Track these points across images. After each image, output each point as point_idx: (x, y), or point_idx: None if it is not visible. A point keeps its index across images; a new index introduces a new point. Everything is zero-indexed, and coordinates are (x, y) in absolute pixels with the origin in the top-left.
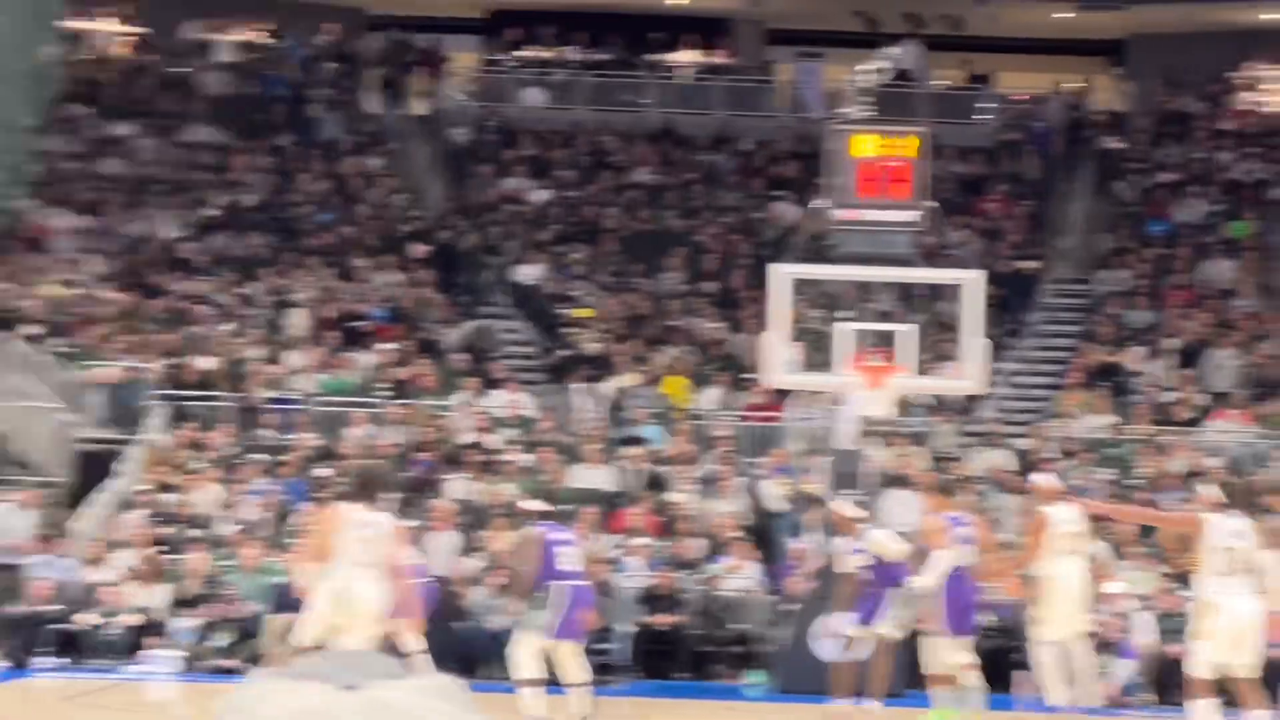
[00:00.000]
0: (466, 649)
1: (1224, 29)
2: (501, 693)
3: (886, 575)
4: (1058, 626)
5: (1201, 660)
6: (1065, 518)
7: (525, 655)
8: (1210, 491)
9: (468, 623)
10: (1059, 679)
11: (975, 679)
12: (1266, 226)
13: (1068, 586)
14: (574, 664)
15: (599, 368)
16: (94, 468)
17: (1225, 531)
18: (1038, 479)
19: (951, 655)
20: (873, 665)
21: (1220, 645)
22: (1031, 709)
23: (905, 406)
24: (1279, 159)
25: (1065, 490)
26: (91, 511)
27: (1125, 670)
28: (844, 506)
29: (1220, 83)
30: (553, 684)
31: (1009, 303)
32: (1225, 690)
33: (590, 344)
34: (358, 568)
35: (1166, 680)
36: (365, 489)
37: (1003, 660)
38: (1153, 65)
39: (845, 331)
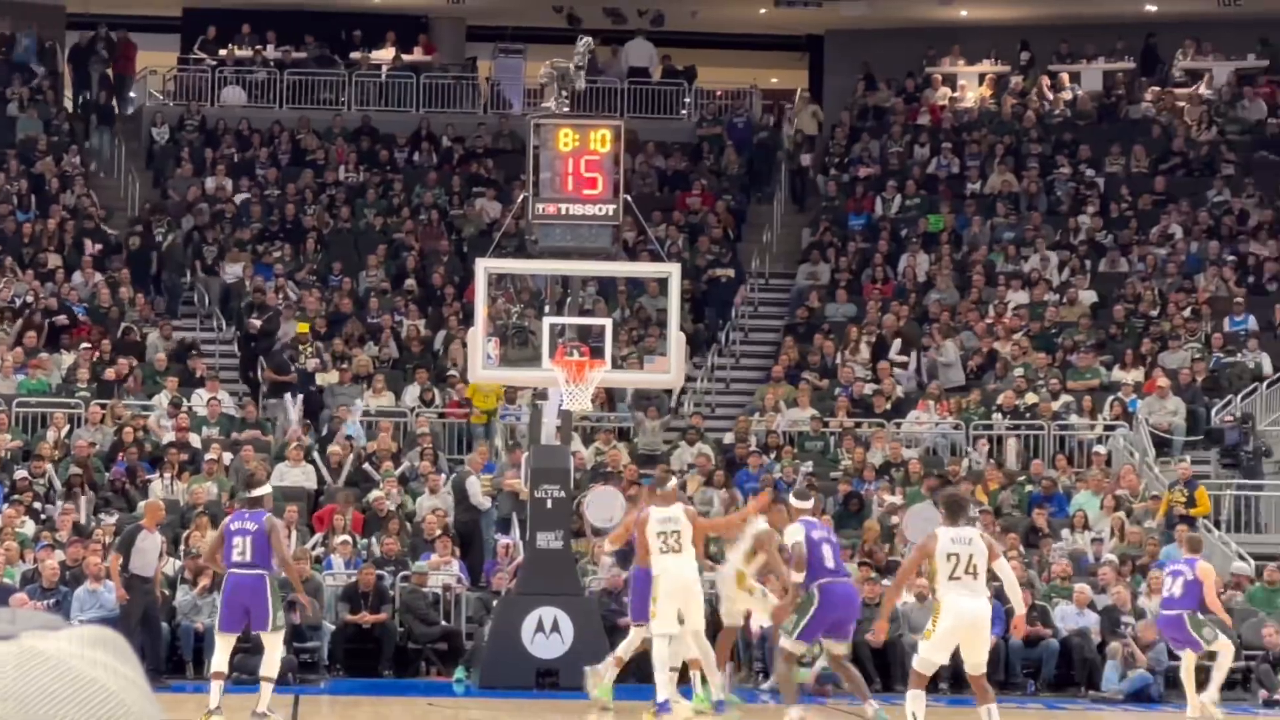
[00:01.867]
0: (172, 649)
1: (918, 25)
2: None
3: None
4: (667, 621)
5: (922, 655)
6: (666, 516)
7: (219, 648)
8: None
9: (174, 622)
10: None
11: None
12: (961, 220)
13: (671, 582)
14: (266, 656)
15: (306, 377)
16: None
17: (949, 539)
18: (658, 475)
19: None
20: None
21: (944, 643)
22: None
23: (609, 401)
24: (973, 153)
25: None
26: None
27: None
28: (795, 499)
29: (915, 78)
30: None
31: (710, 298)
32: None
33: (309, 359)
34: None
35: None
36: None
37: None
38: (849, 61)
39: (547, 326)
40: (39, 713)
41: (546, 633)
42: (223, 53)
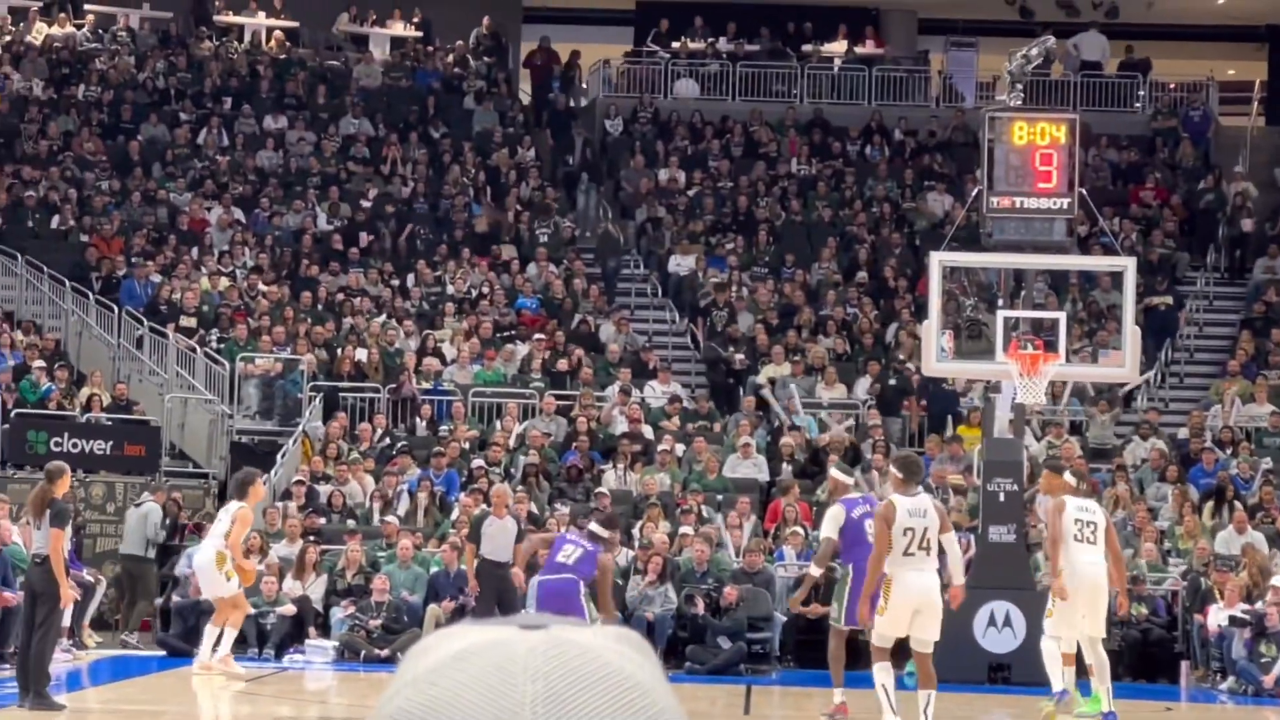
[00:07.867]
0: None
1: None
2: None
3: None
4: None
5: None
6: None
7: None
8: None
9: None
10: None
11: None
12: None
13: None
14: None
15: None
16: (249, 459)
17: (906, 511)
18: (834, 472)
19: None
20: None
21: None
22: None
23: (1061, 395)
24: None
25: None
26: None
27: None
28: (837, 471)
29: None
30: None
31: (1164, 292)
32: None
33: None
34: None
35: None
36: None
37: None
38: None
39: (1001, 320)
40: (567, 695)
41: (999, 627)
42: (675, 45)
